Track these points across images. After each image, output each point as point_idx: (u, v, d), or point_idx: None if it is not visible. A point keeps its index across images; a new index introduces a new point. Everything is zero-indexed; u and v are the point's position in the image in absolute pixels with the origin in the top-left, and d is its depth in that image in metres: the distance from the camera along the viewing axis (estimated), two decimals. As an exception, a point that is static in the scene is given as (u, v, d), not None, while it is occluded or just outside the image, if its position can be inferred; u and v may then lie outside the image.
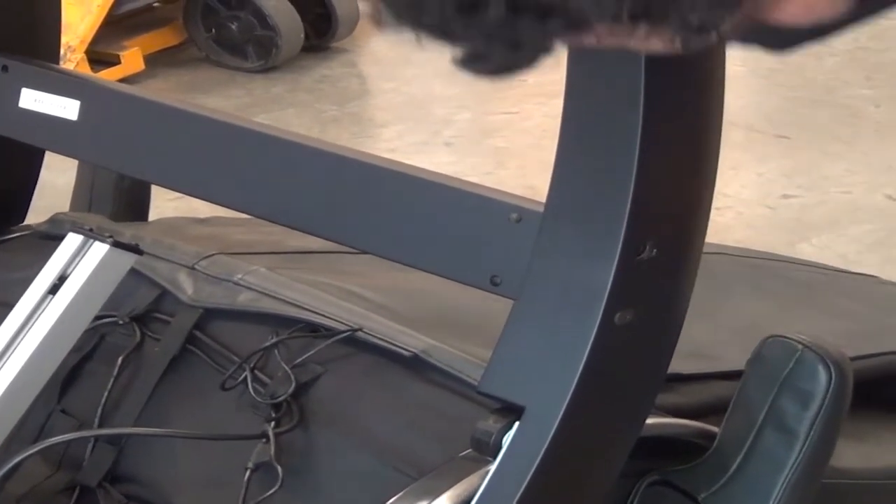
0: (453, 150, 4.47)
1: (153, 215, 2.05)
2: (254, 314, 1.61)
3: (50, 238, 1.75)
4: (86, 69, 4.67)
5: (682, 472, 1.43)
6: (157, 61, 5.15)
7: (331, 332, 1.54)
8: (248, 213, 1.57)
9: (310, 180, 1.46)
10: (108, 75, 4.70)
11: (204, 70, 5.18)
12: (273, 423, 1.48)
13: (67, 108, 1.64)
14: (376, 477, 1.43)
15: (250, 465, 1.45)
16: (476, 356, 1.45)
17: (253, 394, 1.52)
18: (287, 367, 1.52)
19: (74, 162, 1.90)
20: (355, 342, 1.53)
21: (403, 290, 1.69)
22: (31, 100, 1.67)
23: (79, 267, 1.54)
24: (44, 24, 1.80)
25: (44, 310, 1.52)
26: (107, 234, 1.56)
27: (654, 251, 1.21)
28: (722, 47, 1.06)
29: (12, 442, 1.52)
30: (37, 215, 1.89)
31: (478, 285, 1.32)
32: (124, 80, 4.69)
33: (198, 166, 1.56)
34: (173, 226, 1.99)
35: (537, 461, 1.22)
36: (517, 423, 1.24)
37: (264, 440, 1.46)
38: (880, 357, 1.80)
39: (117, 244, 1.55)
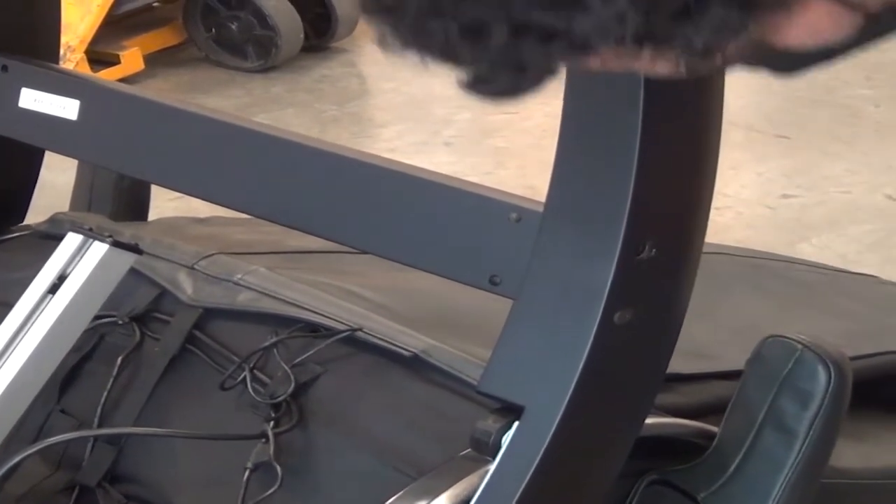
0: (453, 149, 4.47)
1: (153, 215, 2.05)
2: (253, 314, 1.61)
3: (49, 238, 1.75)
4: (85, 69, 4.67)
5: (682, 471, 1.43)
6: (156, 61, 5.15)
7: (330, 331, 1.54)
8: (247, 213, 1.57)
9: (309, 180, 1.46)
10: (108, 75, 4.70)
11: (203, 70, 5.18)
12: (272, 423, 1.48)
13: (67, 108, 1.63)
14: (376, 477, 1.43)
15: (250, 464, 1.45)
16: (476, 356, 1.45)
17: (252, 393, 1.52)
18: (287, 367, 1.52)
19: (74, 161, 1.90)
20: (355, 342, 1.53)
21: (403, 290, 1.69)
22: (31, 99, 1.67)
23: (78, 267, 1.53)
24: (43, 23, 1.80)
25: (43, 309, 1.52)
26: (106, 233, 1.56)
27: (653, 251, 1.21)
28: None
29: (11, 442, 1.52)
30: (36, 214, 1.89)
31: (477, 285, 1.32)
32: (124, 79, 4.69)
33: (197, 166, 1.56)
34: (173, 225, 1.99)
35: (537, 461, 1.22)
36: (517, 423, 1.24)
37: (264, 440, 1.46)
38: (880, 357, 1.79)
39: (117, 244, 1.55)
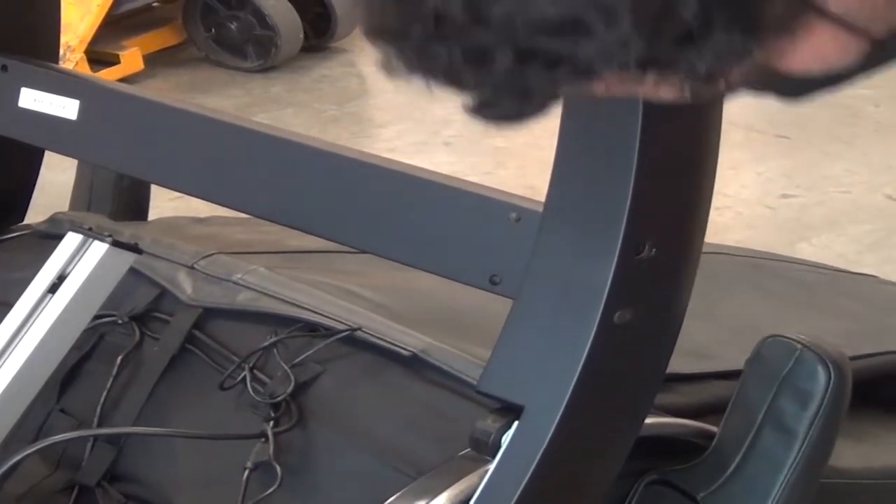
0: (453, 149, 4.47)
1: (152, 215, 2.04)
2: (253, 313, 1.61)
3: (49, 237, 1.75)
4: (85, 69, 4.67)
5: (681, 471, 1.43)
6: (156, 61, 5.15)
7: (330, 331, 1.54)
8: (247, 213, 1.58)
9: (309, 180, 1.46)
10: (108, 75, 4.70)
11: (203, 70, 5.18)
12: (272, 423, 1.48)
13: (67, 108, 1.63)
14: (375, 476, 1.43)
15: (249, 464, 1.45)
16: (475, 355, 1.45)
17: (252, 393, 1.52)
18: (286, 367, 1.52)
19: (74, 161, 1.90)
20: (354, 341, 1.53)
21: (402, 290, 1.69)
22: (31, 99, 1.67)
23: (78, 266, 1.53)
24: (43, 23, 1.80)
25: (43, 309, 1.52)
26: (106, 233, 1.56)
27: (653, 250, 1.21)
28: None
29: (11, 441, 1.52)
30: (36, 214, 1.89)
31: (477, 285, 1.32)
32: (124, 79, 4.69)
33: (197, 166, 1.56)
34: (172, 225, 1.99)
35: (536, 461, 1.22)
36: (516, 423, 1.24)
37: (263, 440, 1.46)
38: (880, 357, 1.79)
39: (116, 243, 1.54)
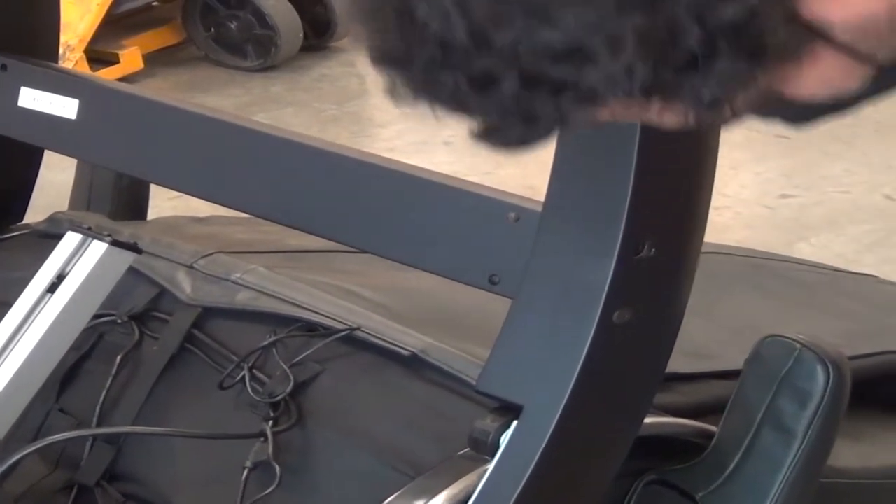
0: (452, 149, 4.47)
1: (152, 214, 2.04)
2: (252, 313, 1.61)
3: (48, 237, 1.75)
4: (85, 68, 4.67)
5: (680, 471, 1.43)
6: (156, 60, 5.15)
7: (329, 330, 1.54)
8: (246, 213, 1.58)
9: (309, 180, 1.46)
10: (107, 74, 4.70)
11: (203, 69, 5.18)
12: (271, 422, 1.48)
13: (66, 107, 1.63)
14: (374, 476, 1.43)
15: (248, 463, 1.45)
16: (474, 355, 1.45)
17: (251, 393, 1.52)
18: (285, 366, 1.52)
19: (73, 160, 1.90)
20: (354, 341, 1.53)
21: (402, 289, 1.69)
22: (30, 99, 1.67)
23: (77, 265, 1.53)
24: (43, 23, 1.80)
25: (42, 308, 1.52)
26: (105, 232, 1.56)
27: (652, 250, 1.21)
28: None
29: (10, 440, 1.52)
30: (36, 213, 1.89)
31: (476, 284, 1.32)
32: (123, 79, 4.69)
33: (197, 165, 1.56)
34: (172, 225, 1.99)
35: (535, 460, 1.22)
36: (515, 423, 1.24)
37: (262, 439, 1.46)
38: (879, 357, 1.79)
39: (116, 243, 1.54)
